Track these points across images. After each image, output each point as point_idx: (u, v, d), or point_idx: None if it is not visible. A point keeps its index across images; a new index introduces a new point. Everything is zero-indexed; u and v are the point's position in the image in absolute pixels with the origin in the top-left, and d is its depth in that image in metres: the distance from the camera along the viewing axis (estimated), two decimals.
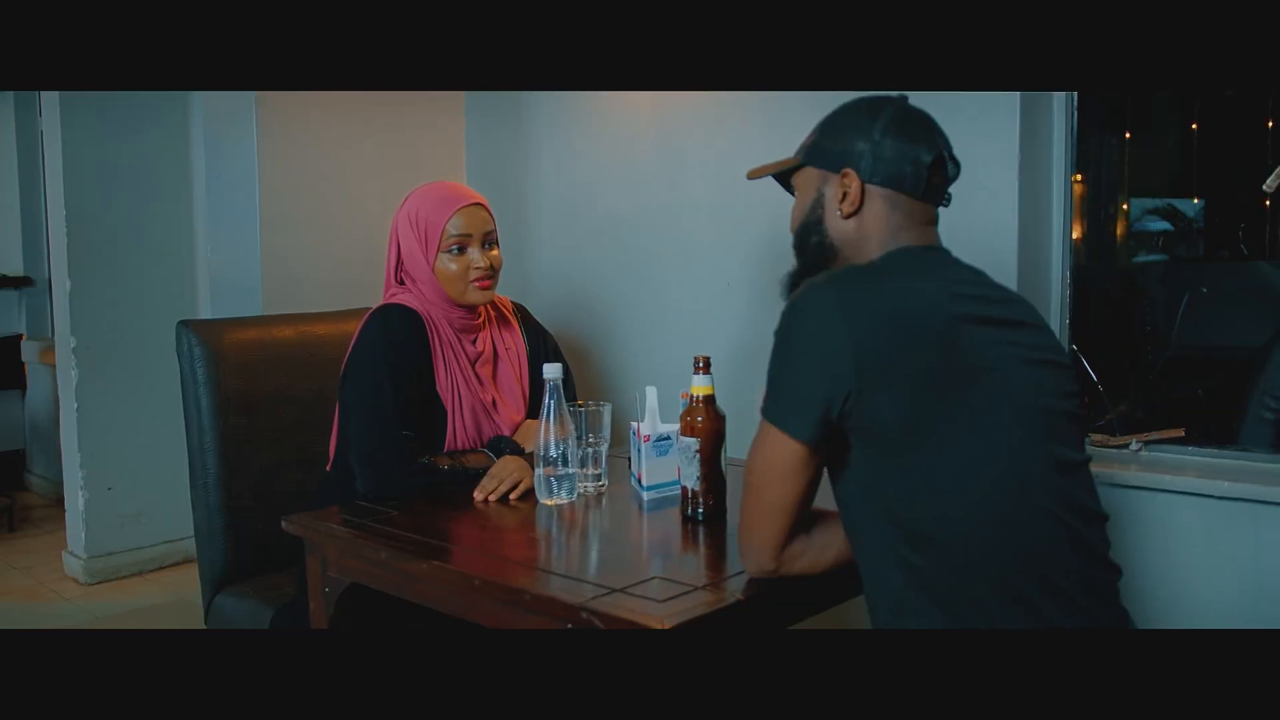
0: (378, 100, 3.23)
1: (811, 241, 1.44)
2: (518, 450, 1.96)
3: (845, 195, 1.40)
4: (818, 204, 1.44)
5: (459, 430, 1.95)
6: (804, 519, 1.34)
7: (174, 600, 3.44)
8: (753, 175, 1.59)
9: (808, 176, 1.46)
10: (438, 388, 1.94)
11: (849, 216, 1.40)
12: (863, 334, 1.23)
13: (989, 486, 1.23)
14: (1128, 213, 3.84)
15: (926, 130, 1.40)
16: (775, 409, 1.29)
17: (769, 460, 1.29)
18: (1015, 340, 1.29)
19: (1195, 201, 3.85)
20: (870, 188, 1.39)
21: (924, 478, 1.24)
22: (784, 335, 1.29)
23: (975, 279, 1.37)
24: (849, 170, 1.39)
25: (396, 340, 1.90)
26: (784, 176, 1.53)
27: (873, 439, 1.25)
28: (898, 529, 1.26)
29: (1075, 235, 2.43)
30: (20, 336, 4.87)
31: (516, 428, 2.04)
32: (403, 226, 1.99)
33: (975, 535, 1.23)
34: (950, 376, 1.23)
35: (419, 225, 1.96)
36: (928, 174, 1.38)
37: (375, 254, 2.77)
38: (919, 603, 1.25)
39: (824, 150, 1.43)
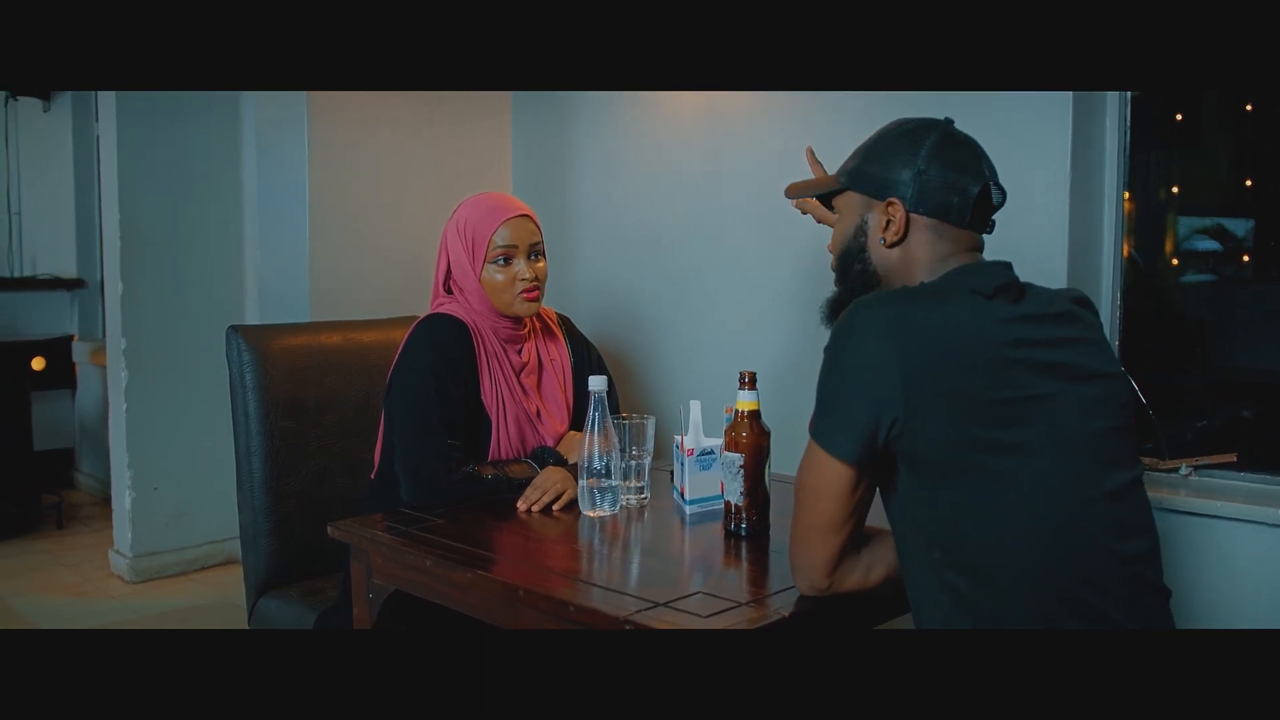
0: (426, 110, 3.27)
1: (854, 269, 1.44)
2: (561, 461, 1.97)
3: (889, 224, 1.38)
4: (860, 231, 1.43)
5: (503, 440, 1.96)
6: (857, 537, 1.33)
7: (218, 601, 3.49)
8: (791, 194, 1.59)
9: (850, 201, 1.45)
10: (483, 398, 1.96)
11: (893, 245, 1.39)
12: (912, 358, 1.22)
13: (1037, 515, 1.22)
14: (1176, 232, 3.78)
15: (972, 159, 1.38)
16: (822, 428, 1.28)
17: (816, 479, 1.29)
18: (1068, 361, 1.28)
19: (1246, 222, 3.79)
20: (915, 217, 1.38)
21: (971, 504, 1.23)
22: (834, 354, 1.29)
23: (1031, 296, 1.35)
24: (894, 200, 1.38)
25: (443, 350, 1.92)
26: (823, 197, 1.52)
27: (920, 464, 1.25)
28: (944, 553, 1.25)
29: (1124, 253, 2.40)
30: (72, 337, 4.96)
31: (560, 439, 2.05)
32: (451, 237, 2.01)
33: (1021, 563, 1.22)
34: (1000, 403, 1.22)
35: (466, 235, 1.98)
36: (973, 205, 1.37)
37: (422, 262, 2.80)
38: (964, 626, 1.24)
39: (867, 176, 1.41)
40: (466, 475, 1.86)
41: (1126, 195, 2.41)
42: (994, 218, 1.43)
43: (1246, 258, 3.78)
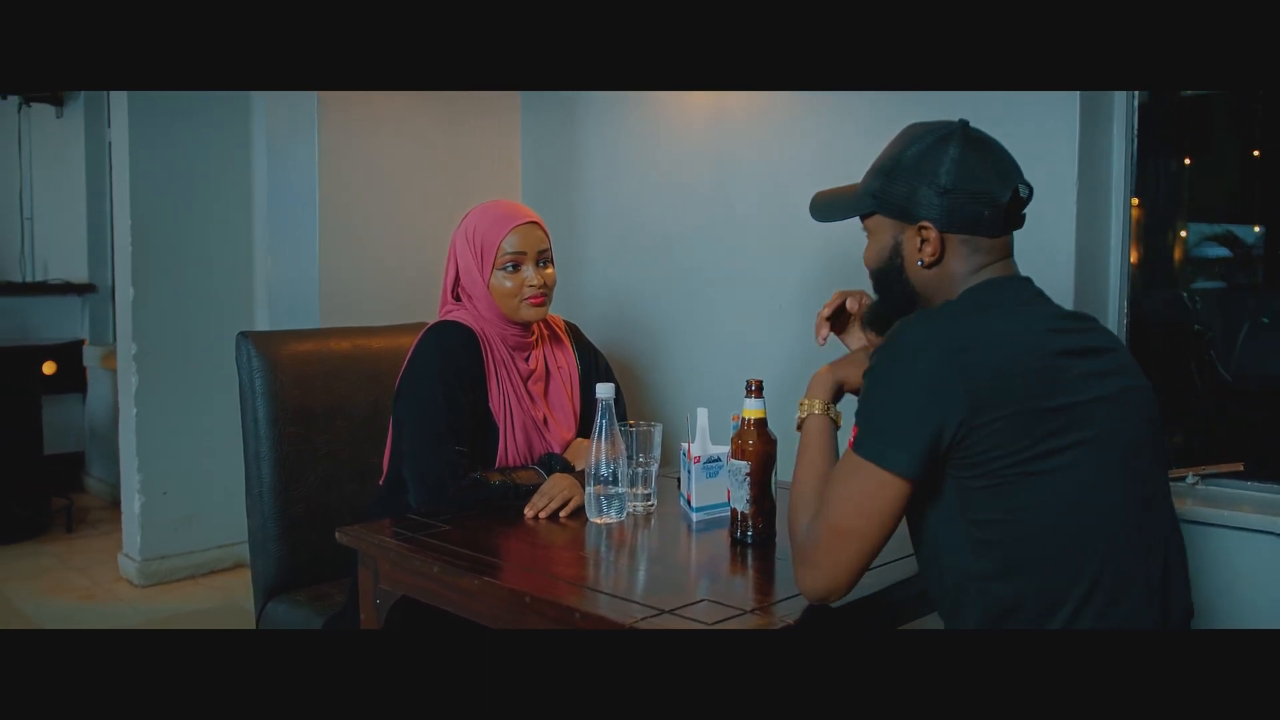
0: (435, 117, 3.28)
1: (894, 290, 1.44)
2: (568, 468, 1.98)
3: (924, 245, 1.38)
4: (895, 253, 1.42)
5: (510, 447, 1.97)
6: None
7: (226, 605, 3.50)
8: (818, 216, 1.56)
9: (880, 223, 1.44)
10: (490, 405, 1.96)
11: (930, 266, 1.39)
12: (970, 369, 1.23)
13: (1083, 520, 1.25)
14: (1185, 238, 3.78)
15: (996, 164, 1.37)
16: (878, 446, 1.27)
17: (865, 497, 1.27)
18: (1103, 370, 1.31)
19: (1255, 229, 3.78)
20: (949, 236, 1.37)
21: (1023, 510, 1.24)
22: (884, 373, 1.29)
23: (1057, 310, 1.38)
24: (926, 224, 1.37)
25: (451, 357, 1.93)
26: (847, 209, 1.50)
27: (976, 471, 1.25)
28: (988, 562, 1.26)
29: (1132, 260, 2.40)
30: (83, 342, 4.99)
31: (567, 446, 2.06)
32: (460, 243, 2.02)
33: (1068, 567, 1.24)
34: (1053, 411, 1.24)
35: (476, 242, 1.99)
36: (1004, 212, 1.36)
37: (431, 269, 2.82)
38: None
39: (895, 199, 1.40)
40: (474, 482, 1.87)
41: (1135, 202, 2.41)
42: (1024, 213, 1.42)
43: (1257, 265, 3.77)
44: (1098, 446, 1.25)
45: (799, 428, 1.48)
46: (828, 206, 1.54)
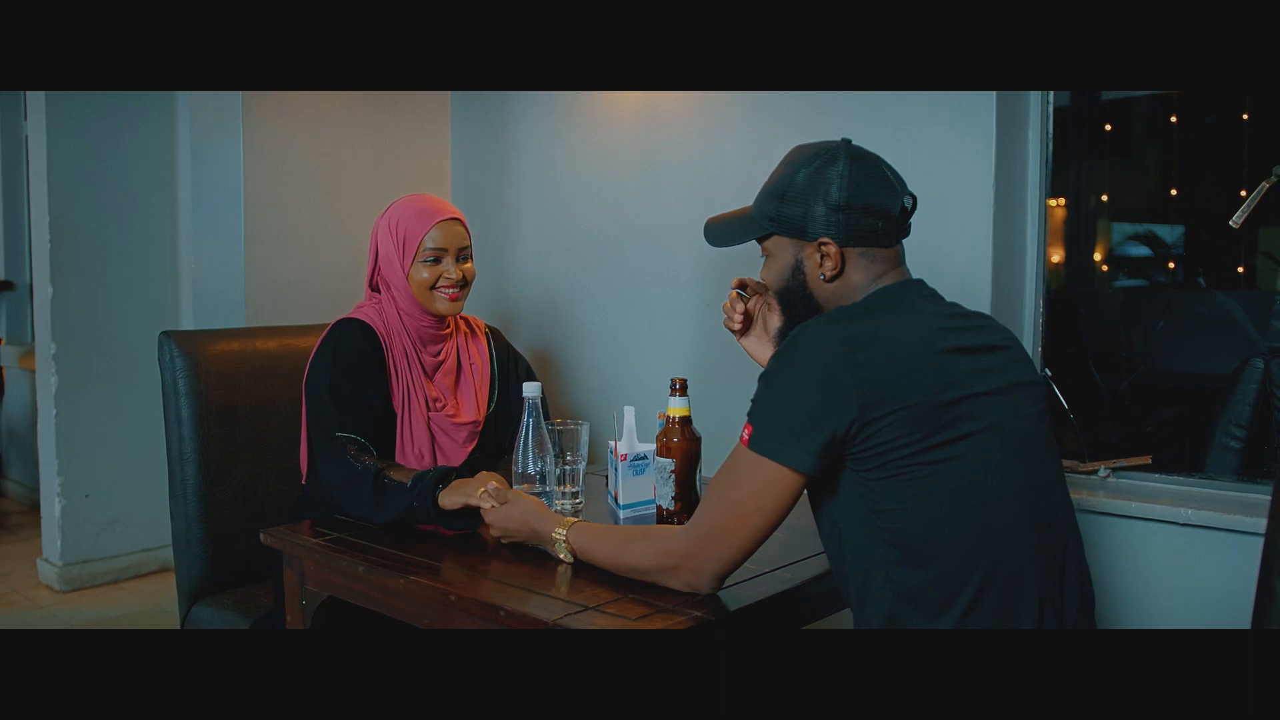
0: (363, 115, 3.25)
1: (799, 305, 1.48)
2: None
3: (824, 260, 1.43)
4: (797, 270, 1.47)
5: (407, 439, 1.97)
6: None
7: (150, 609, 3.43)
8: (715, 242, 1.59)
9: (779, 243, 1.48)
10: (393, 400, 1.96)
11: (832, 279, 1.44)
12: (863, 367, 1.28)
13: (979, 508, 1.29)
14: (1108, 238, 3.89)
15: (883, 177, 1.43)
16: (774, 444, 1.31)
17: (764, 495, 1.32)
18: (993, 366, 1.36)
19: (1174, 228, 3.91)
20: (848, 250, 1.43)
21: (920, 499, 1.29)
22: (782, 373, 1.33)
23: (951, 309, 1.44)
24: (826, 239, 1.42)
25: (344, 355, 1.93)
26: (744, 232, 1.54)
27: (873, 464, 1.30)
28: (893, 549, 1.31)
29: (1056, 259, 2.47)
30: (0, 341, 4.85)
31: (473, 434, 2.05)
32: (382, 233, 2.02)
33: (967, 553, 1.29)
34: (942, 405, 1.28)
35: (398, 234, 2.00)
36: (896, 224, 1.43)
37: (358, 268, 2.80)
38: (908, 619, 1.30)
39: (792, 219, 1.45)
40: (376, 478, 1.79)
41: (1061, 201, 2.48)
42: (910, 222, 1.49)
43: (1177, 264, 3.91)
44: (990, 437, 1.31)
45: (578, 558, 1.57)
46: (723, 232, 1.58)
